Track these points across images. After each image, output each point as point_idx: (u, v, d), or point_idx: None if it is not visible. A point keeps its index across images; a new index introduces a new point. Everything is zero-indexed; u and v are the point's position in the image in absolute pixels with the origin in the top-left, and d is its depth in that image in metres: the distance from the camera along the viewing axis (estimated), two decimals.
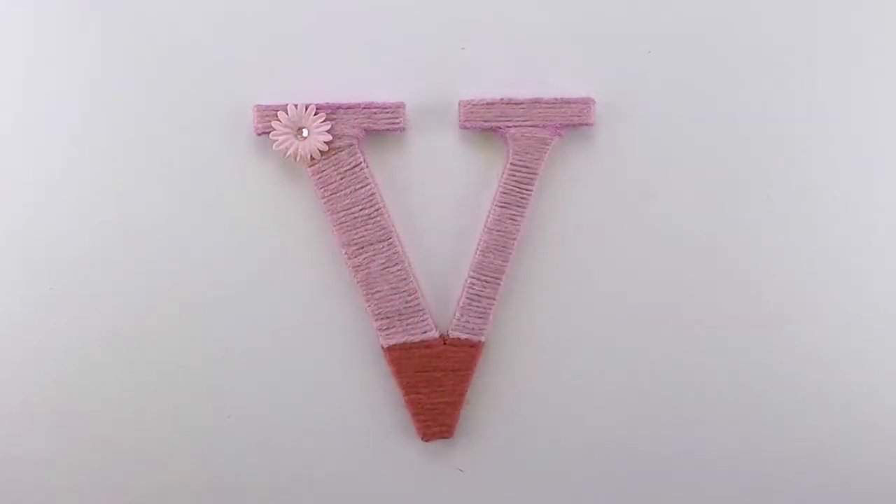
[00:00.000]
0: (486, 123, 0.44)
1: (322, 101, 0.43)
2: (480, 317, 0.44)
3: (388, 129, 0.44)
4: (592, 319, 0.46)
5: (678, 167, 0.45)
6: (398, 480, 0.46)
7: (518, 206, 0.44)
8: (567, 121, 0.44)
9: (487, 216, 0.44)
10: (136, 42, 0.44)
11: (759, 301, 0.46)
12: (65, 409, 0.45)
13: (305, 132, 0.43)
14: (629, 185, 0.45)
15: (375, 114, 0.44)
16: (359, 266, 0.44)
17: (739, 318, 0.46)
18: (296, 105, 0.43)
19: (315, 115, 0.43)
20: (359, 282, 0.44)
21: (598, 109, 0.45)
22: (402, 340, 0.44)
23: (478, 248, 0.44)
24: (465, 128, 0.44)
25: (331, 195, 0.44)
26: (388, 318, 0.44)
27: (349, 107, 0.43)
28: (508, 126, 0.44)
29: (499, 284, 0.44)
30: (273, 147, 0.43)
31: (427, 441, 0.45)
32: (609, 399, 0.46)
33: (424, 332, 0.44)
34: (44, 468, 0.45)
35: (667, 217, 0.46)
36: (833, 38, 0.46)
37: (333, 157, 0.44)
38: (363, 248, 0.44)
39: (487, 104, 0.44)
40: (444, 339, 0.45)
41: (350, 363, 0.45)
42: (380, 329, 0.44)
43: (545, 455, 0.46)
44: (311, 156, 0.43)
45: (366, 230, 0.44)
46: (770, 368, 0.46)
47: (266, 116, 0.43)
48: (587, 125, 0.44)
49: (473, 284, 0.44)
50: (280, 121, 0.43)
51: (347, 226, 0.44)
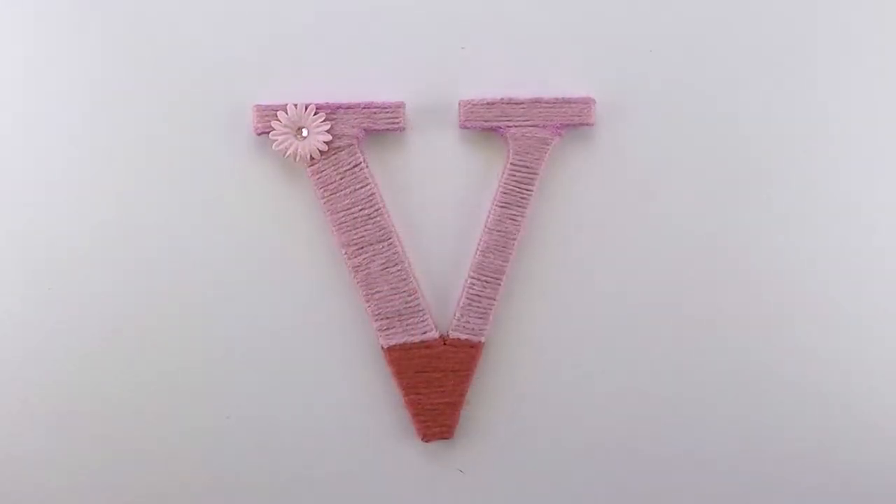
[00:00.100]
0: (487, 123, 0.44)
1: (322, 101, 0.43)
2: (481, 317, 0.44)
3: (388, 129, 0.44)
4: (593, 320, 0.46)
5: (678, 167, 0.45)
6: (398, 481, 0.46)
7: (518, 207, 0.44)
8: (567, 121, 0.44)
9: (487, 216, 0.44)
10: (136, 42, 0.44)
11: (759, 301, 0.46)
12: (65, 409, 0.45)
13: (305, 132, 0.43)
14: (629, 185, 0.45)
15: (375, 113, 0.43)
16: (359, 266, 0.44)
17: (739, 319, 0.46)
18: (295, 105, 0.43)
19: (315, 115, 0.43)
20: (359, 282, 0.44)
21: (599, 109, 0.45)
22: (402, 341, 0.44)
23: (478, 249, 0.44)
24: (466, 128, 0.44)
25: (330, 195, 0.44)
26: (388, 319, 0.44)
27: (349, 107, 0.43)
28: (509, 126, 0.44)
29: (499, 285, 0.44)
30: (273, 147, 0.43)
31: (427, 442, 0.45)
32: (609, 399, 0.46)
33: (424, 333, 0.44)
34: (44, 468, 0.45)
35: (667, 217, 0.46)
36: (833, 38, 0.46)
37: (333, 157, 0.44)
38: (363, 249, 0.44)
39: (488, 104, 0.44)
40: (445, 340, 0.45)
41: (350, 364, 0.45)
42: (380, 329, 0.44)
43: (545, 456, 0.46)
44: (311, 156, 0.43)
45: (366, 230, 0.44)
46: (770, 368, 0.46)
47: (266, 116, 0.43)
48: (588, 125, 0.44)
49: (473, 285, 0.44)
50: (280, 121, 0.43)
51: (347, 226, 0.44)
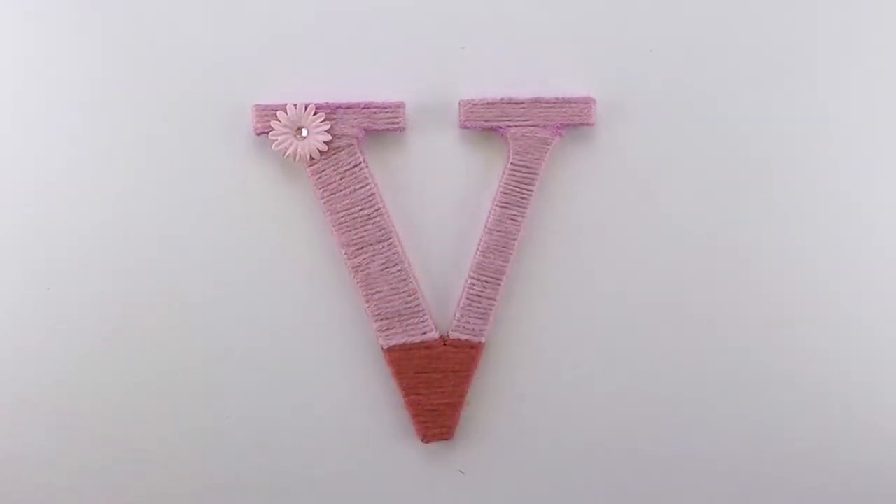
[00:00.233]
0: (487, 123, 0.44)
1: (321, 101, 0.43)
2: (481, 318, 0.44)
3: (388, 129, 0.44)
4: (593, 320, 0.46)
5: (679, 167, 0.45)
6: (398, 482, 0.46)
7: (518, 207, 0.44)
8: (568, 120, 0.44)
9: (488, 216, 0.44)
10: (136, 42, 0.44)
11: (759, 301, 0.46)
12: (64, 409, 0.45)
13: (305, 132, 0.43)
14: (630, 185, 0.45)
15: (375, 113, 0.43)
16: (358, 266, 0.44)
17: (739, 318, 0.46)
18: (295, 105, 0.43)
19: (314, 115, 0.43)
20: (358, 282, 0.44)
21: (599, 109, 0.44)
22: (402, 341, 0.44)
23: (478, 249, 0.44)
24: (466, 127, 0.44)
25: (330, 195, 0.44)
26: (388, 319, 0.44)
27: (349, 106, 0.43)
28: (509, 126, 0.44)
29: (499, 285, 0.44)
30: (272, 147, 0.43)
31: (427, 442, 0.45)
32: (610, 400, 0.46)
33: (424, 333, 0.44)
34: (43, 468, 0.45)
35: (667, 217, 0.45)
36: (833, 38, 0.46)
37: (333, 157, 0.43)
38: (363, 249, 0.44)
39: (488, 104, 0.44)
40: (445, 340, 0.44)
41: (350, 364, 0.45)
42: (380, 330, 0.44)
43: (546, 456, 0.46)
44: (311, 156, 0.43)
45: (365, 230, 0.44)
46: (770, 368, 0.46)
47: (265, 116, 0.43)
48: (588, 125, 0.44)
49: (474, 285, 0.44)
50: (279, 120, 0.43)
51: (347, 226, 0.44)
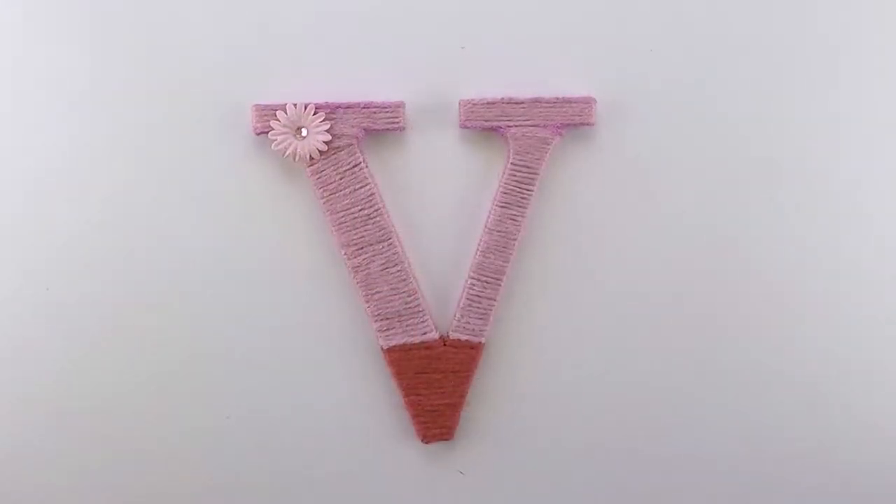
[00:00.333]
0: (487, 123, 0.44)
1: (321, 101, 0.43)
2: (481, 318, 0.44)
3: (388, 129, 0.44)
4: (594, 320, 0.46)
5: (679, 167, 0.45)
6: (398, 482, 0.46)
7: (519, 207, 0.44)
8: (568, 120, 0.44)
9: (488, 216, 0.44)
10: (136, 42, 0.44)
11: (759, 301, 0.46)
12: (64, 409, 0.45)
13: (304, 132, 0.43)
14: (630, 185, 0.45)
15: (375, 113, 0.43)
16: (358, 267, 0.44)
17: (739, 319, 0.46)
18: (295, 104, 0.43)
19: (314, 115, 0.43)
20: (358, 283, 0.44)
21: (600, 109, 0.44)
22: (402, 342, 0.44)
23: (478, 249, 0.44)
24: (466, 127, 0.44)
25: (330, 195, 0.43)
26: (388, 320, 0.44)
27: (348, 106, 0.43)
28: (509, 126, 0.44)
29: (499, 285, 0.44)
30: (272, 147, 0.43)
31: (427, 443, 0.45)
32: (610, 400, 0.46)
33: (424, 334, 0.44)
34: (43, 468, 0.45)
35: (668, 217, 0.45)
36: (833, 38, 0.45)
37: (333, 157, 0.43)
38: (363, 249, 0.44)
39: (488, 104, 0.44)
40: (445, 341, 0.44)
41: (350, 365, 0.45)
42: (379, 330, 0.44)
43: (546, 457, 0.46)
44: (311, 155, 0.43)
45: (365, 230, 0.44)
46: (770, 368, 0.46)
47: (265, 116, 0.43)
48: (588, 125, 0.44)
49: (474, 285, 0.44)
50: (279, 120, 0.43)
51: (347, 226, 0.44)
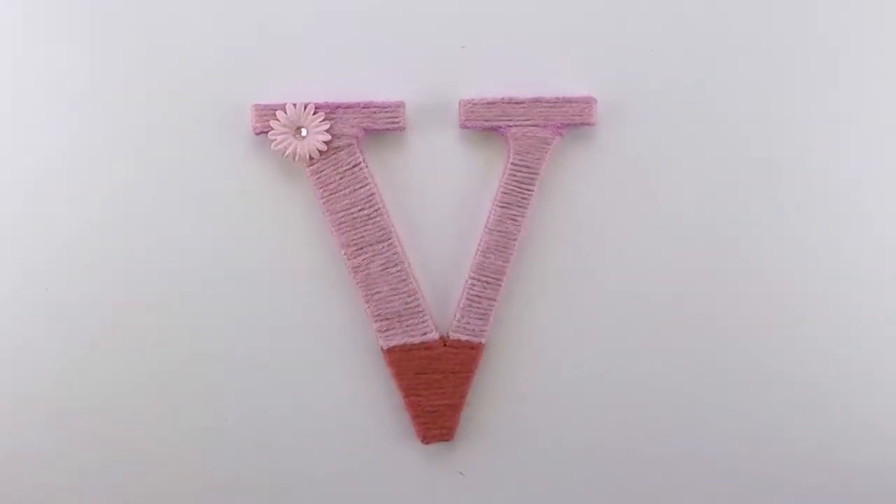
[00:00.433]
0: (487, 123, 0.44)
1: (321, 101, 0.43)
2: (481, 318, 0.44)
3: (388, 129, 0.43)
4: (594, 321, 0.46)
5: (680, 166, 0.45)
6: (398, 483, 0.46)
7: (519, 207, 0.44)
8: (568, 120, 0.44)
9: (488, 216, 0.44)
10: (135, 41, 0.44)
11: (760, 301, 0.46)
12: (64, 409, 0.45)
13: (304, 132, 0.43)
14: (631, 185, 0.45)
15: (375, 113, 0.43)
16: (358, 267, 0.44)
17: (739, 319, 0.46)
18: (294, 104, 0.43)
19: (314, 115, 0.43)
20: (358, 283, 0.44)
21: (600, 109, 0.44)
22: (402, 342, 0.44)
23: (478, 249, 0.44)
24: (466, 127, 0.44)
25: (330, 195, 0.43)
26: (388, 320, 0.44)
27: (348, 106, 0.43)
28: (509, 125, 0.44)
29: (499, 285, 0.44)
30: (272, 147, 0.43)
31: (427, 444, 0.45)
32: (610, 400, 0.46)
33: (424, 334, 0.44)
34: (42, 468, 0.45)
35: (669, 217, 0.45)
36: (833, 38, 0.45)
37: (332, 157, 0.43)
38: (362, 249, 0.44)
39: (488, 103, 0.44)
40: (445, 341, 0.44)
41: (349, 365, 0.45)
42: (379, 330, 0.44)
43: (546, 457, 0.46)
44: (310, 155, 0.43)
45: (365, 231, 0.44)
46: (770, 368, 0.46)
47: (264, 116, 0.43)
48: (589, 125, 0.44)
49: (474, 285, 0.44)
50: (279, 120, 0.43)
51: (347, 226, 0.44)
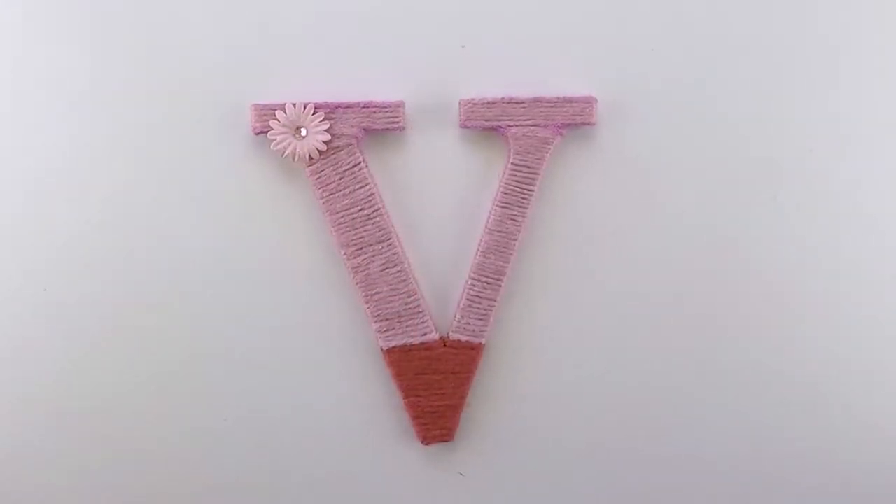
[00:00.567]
0: (487, 123, 0.44)
1: (321, 100, 0.43)
2: (481, 318, 0.44)
3: (388, 129, 0.43)
4: (594, 321, 0.46)
5: (681, 166, 0.45)
6: (398, 484, 0.46)
7: (519, 207, 0.44)
8: (569, 120, 0.44)
9: (488, 216, 0.44)
10: (135, 41, 0.44)
11: (760, 301, 0.46)
12: (63, 409, 0.45)
13: (304, 131, 0.43)
14: (632, 185, 0.45)
15: (375, 113, 0.43)
16: (358, 267, 0.44)
17: (740, 319, 0.46)
18: (294, 104, 0.43)
19: (314, 115, 0.43)
20: (358, 283, 0.44)
21: (601, 108, 0.44)
22: (402, 342, 0.44)
23: (478, 249, 0.44)
24: (466, 127, 0.44)
25: (329, 195, 0.43)
26: (388, 320, 0.44)
27: (348, 106, 0.43)
28: (509, 125, 0.44)
29: (500, 286, 0.44)
30: (271, 146, 0.43)
31: (427, 444, 0.45)
32: (610, 401, 0.46)
33: (424, 334, 0.44)
34: (42, 468, 0.45)
35: (670, 217, 0.45)
36: (833, 38, 0.45)
37: (332, 157, 0.43)
38: (362, 249, 0.44)
39: (488, 103, 0.43)
40: (445, 342, 0.44)
41: (349, 365, 0.45)
42: (379, 331, 0.44)
43: (546, 458, 0.46)
44: (310, 155, 0.43)
45: (365, 231, 0.43)
46: (770, 368, 0.46)
47: (264, 115, 0.43)
48: (589, 124, 0.44)
49: (474, 286, 0.44)
50: (278, 120, 0.43)
51: (346, 226, 0.43)
